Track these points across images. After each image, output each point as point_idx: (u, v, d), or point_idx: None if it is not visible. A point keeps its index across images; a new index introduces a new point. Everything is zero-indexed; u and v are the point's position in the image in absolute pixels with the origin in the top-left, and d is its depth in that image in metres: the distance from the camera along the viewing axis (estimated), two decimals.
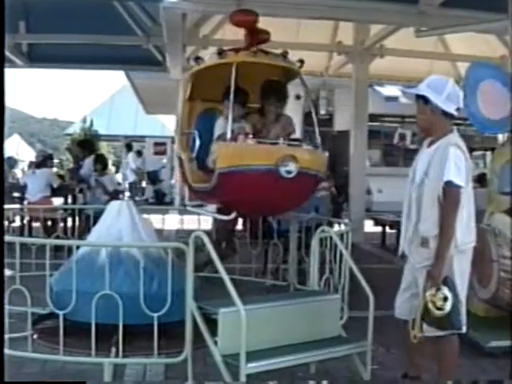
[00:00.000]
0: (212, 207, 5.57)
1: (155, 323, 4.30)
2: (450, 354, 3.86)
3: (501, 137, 6.51)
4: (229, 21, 5.46)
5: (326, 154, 5.27)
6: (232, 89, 4.83)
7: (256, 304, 4.26)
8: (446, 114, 3.81)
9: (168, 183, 21.09)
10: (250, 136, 4.84)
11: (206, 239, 4.20)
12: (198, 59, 5.37)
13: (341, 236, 5.28)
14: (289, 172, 4.64)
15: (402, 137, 17.98)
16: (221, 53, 4.99)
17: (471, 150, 3.93)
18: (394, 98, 16.97)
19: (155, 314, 4.32)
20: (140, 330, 4.53)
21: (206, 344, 4.02)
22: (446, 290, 3.61)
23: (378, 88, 16.86)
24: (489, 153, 15.87)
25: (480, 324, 5.21)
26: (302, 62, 5.17)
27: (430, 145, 3.89)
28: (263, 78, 5.34)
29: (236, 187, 4.77)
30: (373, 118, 14.21)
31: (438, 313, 3.61)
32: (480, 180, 9.52)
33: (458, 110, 3.83)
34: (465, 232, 3.75)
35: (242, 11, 5.42)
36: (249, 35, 5.12)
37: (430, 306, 3.61)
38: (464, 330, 3.80)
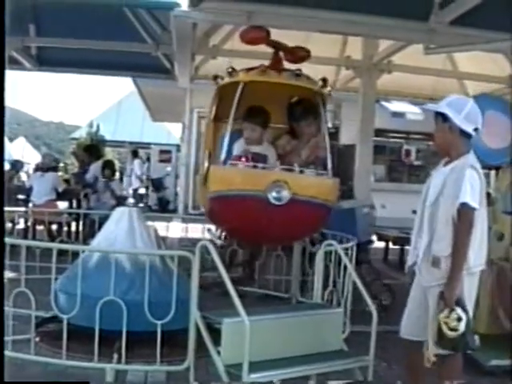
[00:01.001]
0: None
1: (158, 330, 4.31)
2: (454, 372, 3.83)
3: None
4: (240, 39, 5.29)
5: (337, 180, 4.94)
6: (234, 108, 4.72)
7: (259, 315, 4.27)
8: (464, 133, 3.77)
9: (172, 191, 21.10)
10: (243, 159, 4.66)
11: (211, 248, 4.21)
12: (216, 78, 5.15)
13: (345, 250, 5.28)
14: (278, 199, 4.47)
15: (408, 153, 18.01)
16: (231, 72, 4.86)
17: None
18: (401, 114, 17.00)
19: (158, 322, 4.33)
20: (142, 337, 4.53)
21: (208, 353, 4.03)
22: (459, 311, 3.57)
23: (384, 103, 16.89)
24: (493, 172, 15.86)
25: (481, 342, 5.20)
26: (324, 80, 4.89)
27: (446, 164, 3.86)
28: (290, 98, 5.16)
29: (225, 212, 4.68)
30: (378, 133, 14.22)
31: (451, 334, 3.57)
32: None
33: (476, 130, 3.81)
34: (477, 254, 3.72)
35: (251, 29, 5.28)
36: (275, 53, 4.95)
37: (444, 327, 3.57)
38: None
